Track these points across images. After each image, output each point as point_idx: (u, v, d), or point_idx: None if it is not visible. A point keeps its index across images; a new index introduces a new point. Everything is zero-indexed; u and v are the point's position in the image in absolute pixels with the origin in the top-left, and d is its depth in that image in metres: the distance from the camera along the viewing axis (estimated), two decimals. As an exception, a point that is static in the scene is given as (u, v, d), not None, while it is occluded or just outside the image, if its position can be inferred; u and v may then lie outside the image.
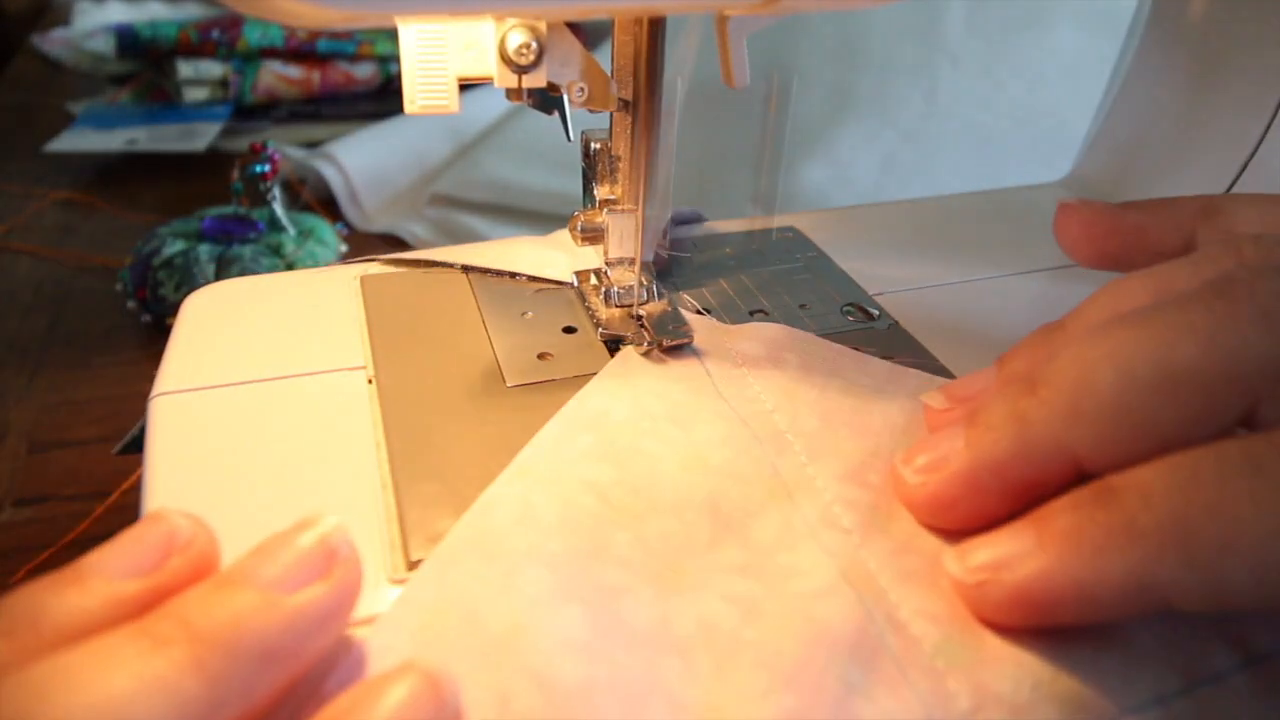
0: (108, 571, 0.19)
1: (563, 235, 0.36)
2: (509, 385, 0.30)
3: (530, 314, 0.34)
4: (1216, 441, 0.19)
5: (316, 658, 0.19)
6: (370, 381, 0.30)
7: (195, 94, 0.75)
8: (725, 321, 0.34)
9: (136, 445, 0.30)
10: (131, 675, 0.16)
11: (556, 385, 0.30)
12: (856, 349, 0.32)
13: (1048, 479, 0.22)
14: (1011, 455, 0.22)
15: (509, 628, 0.21)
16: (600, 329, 0.32)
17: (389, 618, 0.21)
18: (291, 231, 0.52)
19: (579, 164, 0.33)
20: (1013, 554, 0.21)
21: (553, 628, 0.21)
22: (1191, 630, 0.22)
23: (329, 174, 0.63)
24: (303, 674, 0.19)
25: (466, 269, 0.36)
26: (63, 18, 0.98)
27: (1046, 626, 0.21)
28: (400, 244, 0.60)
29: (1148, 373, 0.20)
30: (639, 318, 0.32)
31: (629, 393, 0.28)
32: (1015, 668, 0.21)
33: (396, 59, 0.77)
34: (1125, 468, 0.20)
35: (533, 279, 0.36)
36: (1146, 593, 0.19)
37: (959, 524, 0.23)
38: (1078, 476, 0.22)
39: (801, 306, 0.35)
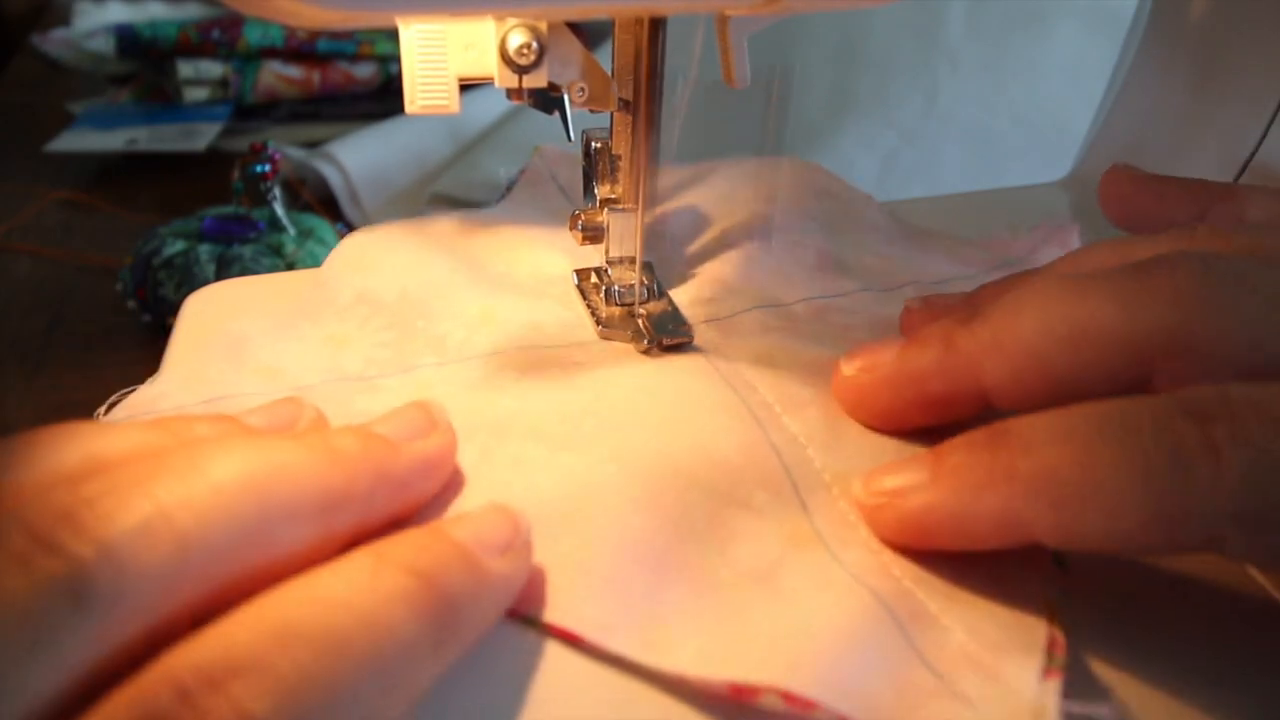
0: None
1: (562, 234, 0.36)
2: (509, 385, 0.30)
3: (530, 314, 0.34)
4: (1104, 400, 0.21)
5: (421, 498, 0.23)
6: (370, 381, 0.30)
7: (195, 94, 0.75)
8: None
9: None
10: (290, 454, 0.20)
11: (557, 385, 0.30)
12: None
13: (956, 399, 0.25)
14: (931, 371, 0.25)
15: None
16: (600, 327, 0.32)
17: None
18: (292, 231, 0.52)
19: (579, 164, 0.33)
20: (909, 484, 0.23)
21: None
22: None
23: (329, 174, 0.63)
24: (410, 514, 0.23)
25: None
26: (63, 18, 0.98)
27: (930, 548, 0.23)
28: (400, 244, 0.59)
29: (1062, 326, 0.23)
30: (639, 317, 0.32)
31: None
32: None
33: (396, 59, 0.77)
34: (1023, 408, 0.22)
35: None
36: (1013, 529, 0.21)
37: (875, 420, 0.27)
38: (984, 407, 0.25)
39: (802, 306, 0.35)
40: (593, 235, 0.33)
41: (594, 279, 0.35)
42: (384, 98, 0.79)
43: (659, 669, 0.20)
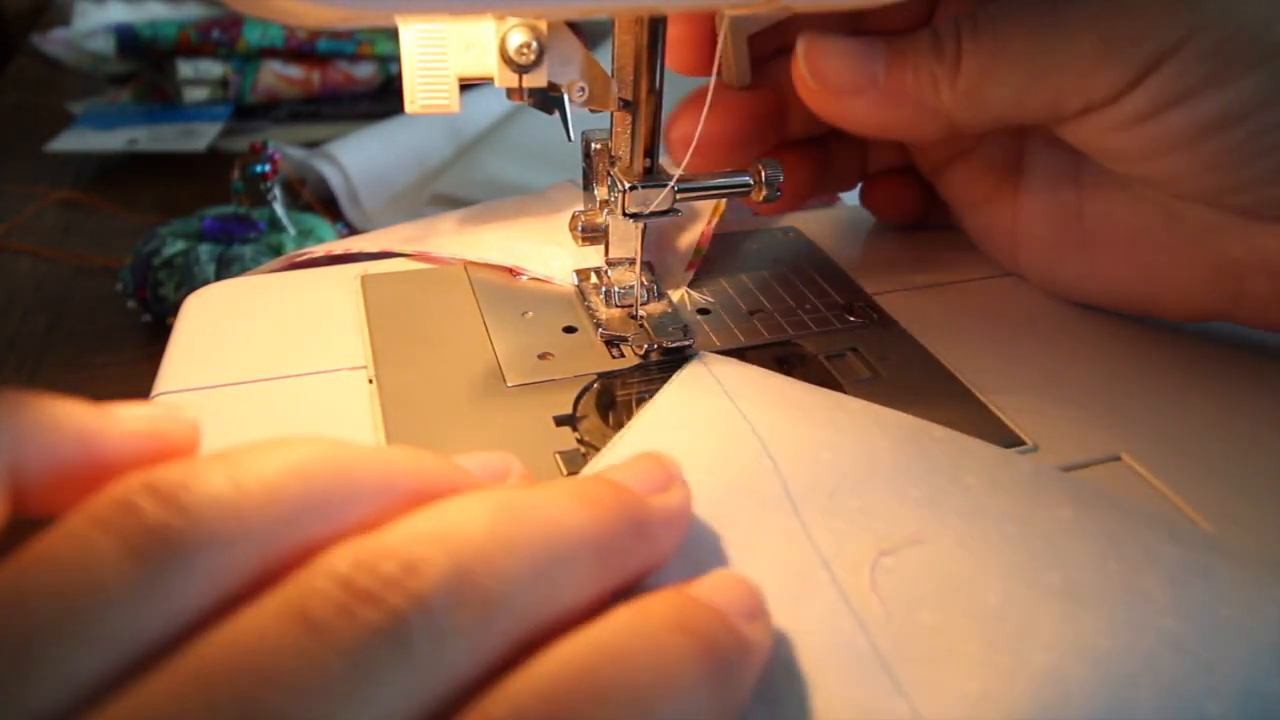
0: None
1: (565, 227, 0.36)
2: (509, 385, 0.30)
3: (531, 314, 0.34)
4: None
5: (665, 555, 0.21)
6: (370, 381, 0.30)
7: (195, 94, 0.75)
8: (728, 322, 0.34)
9: None
10: (558, 506, 0.19)
11: (557, 385, 0.30)
12: (854, 349, 0.32)
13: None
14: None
15: None
16: (600, 329, 0.32)
17: None
18: (292, 231, 0.52)
19: (579, 164, 0.33)
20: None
21: None
22: None
23: (329, 174, 0.63)
24: (651, 571, 0.21)
25: (468, 264, 0.36)
26: (63, 18, 0.98)
27: None
28: (400, 244, 0.59)
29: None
30: (640, 319, 0.32)
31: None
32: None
33: (396, 59, 0.77)
34: None
35: (521, 273, 0.36)
36: None
37: None
38: None
39: (801, 306, 0.35)
40: (592, 236, 0.33)
41: (594, 279, 0.35)
42: (384, 98, 0.79)
43: None
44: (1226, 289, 0.31)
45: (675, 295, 0.35)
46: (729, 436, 0.26)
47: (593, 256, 0.35)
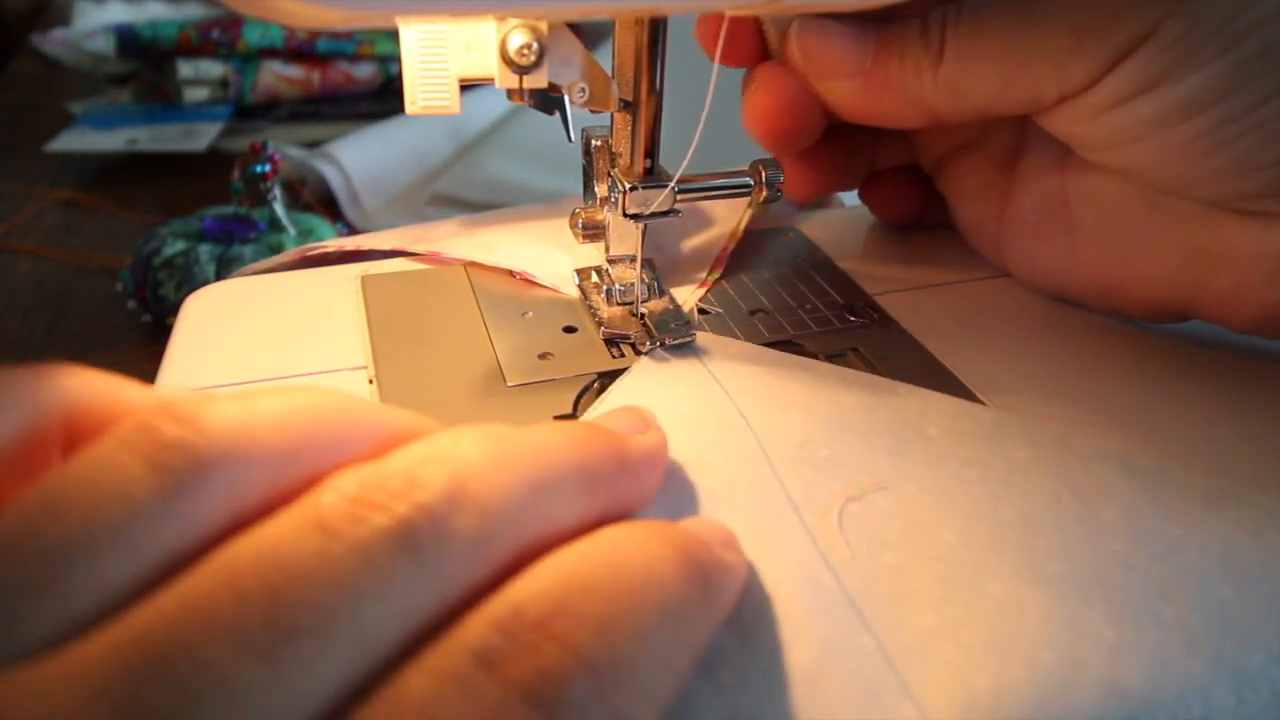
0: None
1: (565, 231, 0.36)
2: (510, 385, 0.30)
3: (531, 314, 0.34)
4: None
5: (647, 492, 0.23)
6: (371, 381, 0.30)
7: (195, 94, 0.75)
8: (728, 322, 0.34)
9: None
10: (547, 438, 0.20)
11: (557, 385, 0.30)
12: (854, 349, 0.33)
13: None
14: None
15: None
16: (602, 328, 0.32)
17: None
18: (292, 231, 0.52)
19: (579, 164, 0.33)
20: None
21: None
22: None
23: (329, 174, 0.63)
24: (634, 507, 0.23)
25: (468, 265, 0.36)
26: (63, 18, 0.98)
27: None
28: (400, 244, 0.59)
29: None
30: (641, 316, 0.32)
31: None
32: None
33: (396, 59, 0.77)
34: None
35: (531, 281, 0.36)
36: None
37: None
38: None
39: (802, 306, 0.35)
40: (592, 234, 0.33)
41: (595, 278, 0.35)
42: (384, 98, 0.79)
43: None
44: (1190, 279, 0.31)
45: (683, 303, 0.35)
46: (702, 397, 0.28)
47: (598, 256, 0.35)
